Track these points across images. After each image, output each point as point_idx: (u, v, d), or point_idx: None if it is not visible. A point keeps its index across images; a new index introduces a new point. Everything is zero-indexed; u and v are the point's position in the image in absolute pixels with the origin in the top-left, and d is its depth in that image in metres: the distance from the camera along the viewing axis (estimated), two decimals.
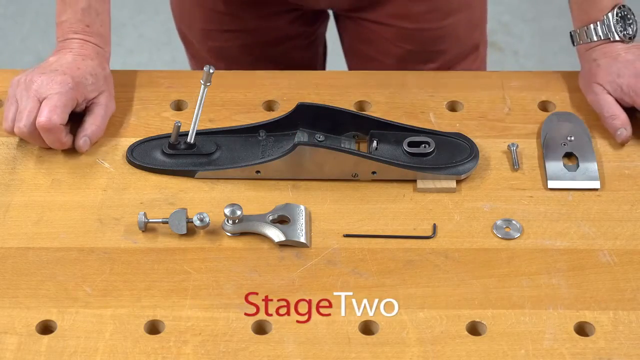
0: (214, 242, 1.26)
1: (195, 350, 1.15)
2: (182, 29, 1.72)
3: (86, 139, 1.36)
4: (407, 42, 1.62)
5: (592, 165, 1.34)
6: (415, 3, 1.59)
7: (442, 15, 1.61)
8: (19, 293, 1.21)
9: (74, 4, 1.39)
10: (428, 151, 1.33)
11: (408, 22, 1.61)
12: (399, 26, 1.61)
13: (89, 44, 1.39)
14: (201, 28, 1.67)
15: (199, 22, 1.67)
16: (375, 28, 1.63)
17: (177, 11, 1.71)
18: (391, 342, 1.16)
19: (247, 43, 1.67)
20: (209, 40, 1.68)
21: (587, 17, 1.40)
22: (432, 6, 1.59)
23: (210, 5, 1.63)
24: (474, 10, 1.67)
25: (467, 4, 1.64)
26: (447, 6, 1.61)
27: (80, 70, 1.36)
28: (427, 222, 1.28)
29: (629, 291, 1.21)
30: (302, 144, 1.30)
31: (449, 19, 1.62)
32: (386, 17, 1.61)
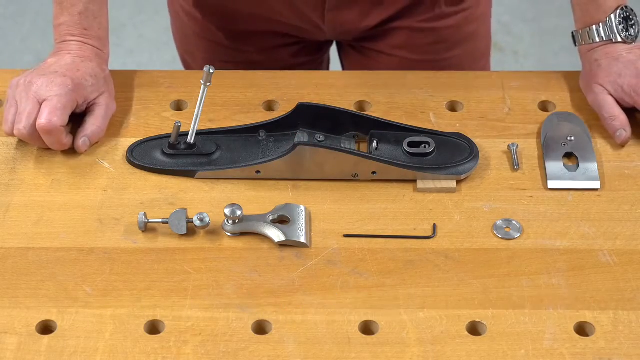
0: (214, 242, 1.26)
1: (195, 350, 1.15)
2: (184, 57, 1.71)
3: (85, 139, 1.36)
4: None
5: (592, 165, 1.34)
6: (421, 35, 1.57)
7: (447, 47, 1.60)
8: (19, 293, 1.21)
9: (71, 7, 1.39)
10: (428, 151, 1.33)
11: (412, 54, 1.59)
12: (402, 57, 1.60)
13: (87, 46, 1.39)
14: (204, 58, 1.66)
15: (201, 53, 1.66)
16: (378, 58, 1.62)
17: (179, 39, 1.70)
18: (391, 342, 1.16)
19: None
20: None
21: (590, 18, 1.40)
22: (438, 38, 1.58)
23: (212, 38, 1.62)
24: (480, 41, 1.65)
25: (472, 35, 1.62)
26: (453, 38, 1.59)
27: (80, 71, 1.36)
28: (427, 222, 1.28)
29: (629, 291, 1.21)
30: (302, 144, 1.30)
31: (454, 50, 1.61)
32: (390, 48, 1.60)
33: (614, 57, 1.38)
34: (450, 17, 1.58)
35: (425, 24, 1.57)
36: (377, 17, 1.57)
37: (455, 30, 1.59)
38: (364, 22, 1.57)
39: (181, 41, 1.69)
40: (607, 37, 1.39)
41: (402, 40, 1.59)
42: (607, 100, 1.37)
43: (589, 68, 1.41)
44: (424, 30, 1.57)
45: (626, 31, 1.38)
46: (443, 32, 1.58)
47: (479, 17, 1.63)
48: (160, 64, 2.93)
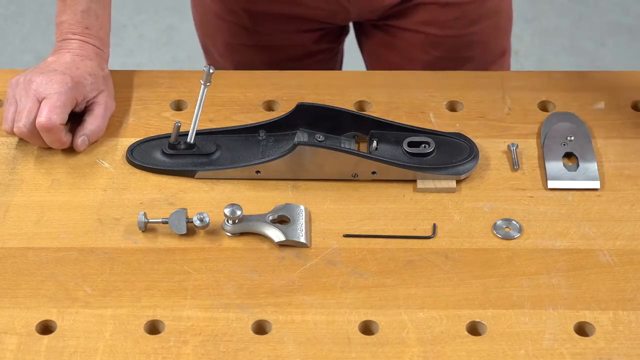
0: (214, 242, 1.26)
1: (195, 350, 1.15)
2: (204, 41, 1.71)
3: (84, 138, 1.35)
4: (435, 48, 1.61)
5: (592, 165, 1.34)
6: (444, 10, 1.58)
7: (470, 21, 1.60)
8: (19, 293, 1.21)
9: (74, 5, 1.39)
10: (428, 151, 1.33)
11: (436, 29, 1.59)
12: (427, 33, 1.60)
13: (88, 44, 1.39)
14: (225, 42, 1.65)
15: (222, 36, 1.65)
16: (403, 35, 1.62)
17: (200, 24, 1.69)
18: (391, 342, 1.16)
19: (272, 58, 1.65)
20: (232, 54, 1.66)
21: None
22: (461, 13, 1.58)
23: (235, 20, 1.61)
24: (501, 16, 1.65)
25: (495, 10, 1.62)
26: (476, 13, 1.59)
27: (80, 70, 1.36)
28: (427, 222, 1.28)
29: (629, 291, 1.21)
30: (302, 144, 1.30)
31: (478, 25, 1.61)
32: (414, 24, 1.60)
33: None
34: None
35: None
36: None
37: (477, 5, 1.59)
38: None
39: (202, 24, 1.68)
40: None
41: (426, 16, 1.59)
42: None
43: None
44: (447, 5, 1.57)
45: None
46: (465, 7, 1.58)
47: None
48: (160, 64, 2.93)
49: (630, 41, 3.00)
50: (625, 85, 1.46)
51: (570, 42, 2.99)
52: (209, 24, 1.66)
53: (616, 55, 2.96)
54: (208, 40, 1.69)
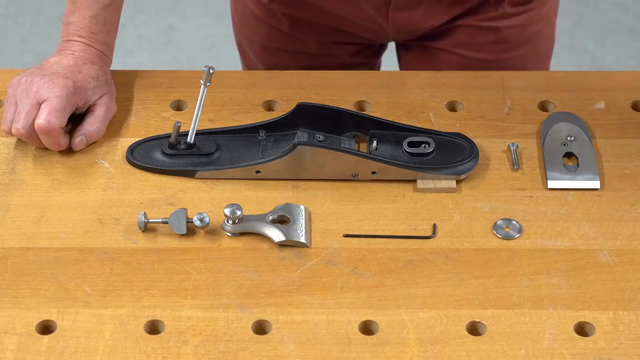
0: (214, 242, 1.26)
1: (195, 350, 1.15)
2: (241, 41, 1.70)
3: (82, 138, 1.35)
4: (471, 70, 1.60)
5: (592, 165, 1.34)
6: (482, 33, 1.57)
7: (509, 47, 1.59)
8: (19, 293, 1.21)
9: (84, 9, 1.38)
10: (428, 151, 1.33)
11: (473, 52, 1.58)
12: (463, 55, 1.59)
13: (92, 48, 1.39)
14: (261, 43, 1.65)
15: (259, 38, 1.65)
16: (440, 55, 1.61)
17: (237, 22, 1.68)
18: (391, 342, 1.16)
19: (306, 66, 1.64)
20: (267, 56, 1.66)
21: None
22: (499, 37, 1.57)
23: (273, 23, 1.61)
24: (542, 42, 1.63)
25: (535, 35, 1.60)
26: (515, 38, 1.58)
27: (82, 74, 1.36)
28: (427, 222, 1.28)
29: (629, 291, 1.21)
30: (302, 144, 1.30)
31: (517, 50, 1.59)
32: (451, 46, 1.59)
33: None
34: (513, 17, 1.57)
35: (488, 22, 1.56)
36: (441, 17, 1.56)
37: (518, 30, 1.57)
38: (428, 22, 1.56)
39: (240, 24, 1.68)
40: None
41: (464, 39, 1.58)
42: None
43: None
44: (485, 29, 1.56)
45: None
46: (505, 32, 1.57)
47: (543, 18, 1.61)
48: (160, 64, 2.93)
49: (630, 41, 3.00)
50: (625, 85, 1.46)
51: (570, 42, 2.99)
52: (247, 24, 1.65)
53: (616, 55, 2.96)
54: (245, 40, 1.69)
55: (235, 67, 1.84)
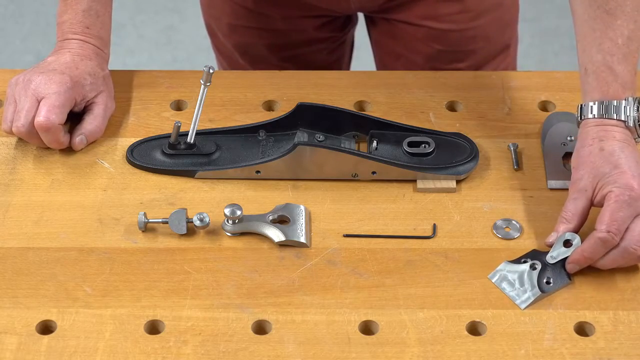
0: (214, 242, 1.26)
1: (195, 350, 1.15)
2: (209, 22, 1.71)
3: (82, 137, 1.35)
4: (437, 42, 1.61)
5: None
6: (445, 4, 1.57)
7: (472, 15, 1.59)
8: (19, 293, 1.21)
9: (75, 4, 1.39)
10: (428, 151, 1.33)
11: (438, 23, 1.59)
12: (428, 27, 1.59)
13: (88, 44, 1.39)
14: (228, 22, 1.66)
15: (226, 17, 1.65)
16: (405, 28, 1.61)
17: (205, 4, 1.69)
18: (391, 342, 1.16)
19: (273, 42, 1.65)
20: (235, 35, 1.67)
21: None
22: (463, 7, 1.58)
23: (239, 1, 1.62)
24: (505, 9, 1.64)
25: (498, 3, 1.61)
26: (478, 7, 1.58)
27: (79, 70, 1.36)
28: (427, 222, 1.28)
29: (629, 291, 1.21)
30: (302, 144, 1.30)
31: (480, 19, 1.60)
32: (416, 17, 1.59)
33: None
34: None
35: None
36: None
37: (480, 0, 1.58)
38: None
39: (208, 5, 1.68)
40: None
41: (427, 10, 1.58)
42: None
43: None
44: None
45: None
46: (468, 1, 1.57)
47: None
48: (160, 64, 2.93)
49: None
50: None
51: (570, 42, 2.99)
52: (214, 5, 1.66)
53: None
54: (213, 21, 1.69)
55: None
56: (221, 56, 1.74)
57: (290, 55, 1.67)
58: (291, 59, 1.67)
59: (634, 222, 1.18)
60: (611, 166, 1.21)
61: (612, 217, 1.18)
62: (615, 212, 1.18)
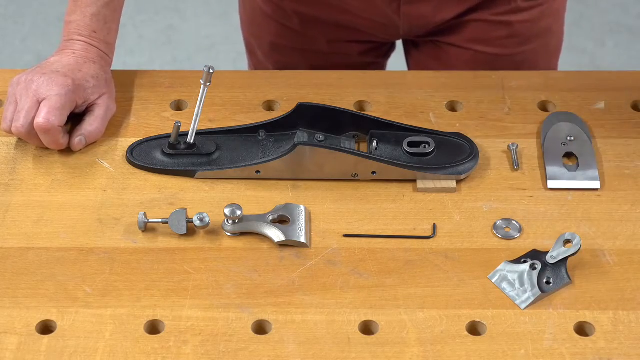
0: (214, 242, 1.26)
1: (195, 350, 1.15)
2: (250, 39, 1.70)
3: (81, 138, 1.35)
4: (482, 66, 1.60)
5: (592, 165, 1.34)
6: (495, 28, 1.56)
7: (521, 41, 1.58)
8: (19, 293, 1.21)
9: (85, 7, 1.39)
10: (428, 151, 1.33)
11: (486, 47, 1.58)
12: (476, 50, 1.59)
13: (93, 47, 1.39)
14: (271, 42, 1.65)
15: (268, 35, 1.64)
16: (452, 50, 1.61)
17: (246, 20, 1.68)
18: (391, 342, 1.16)
19: (315, 65, 1.64)
20: (276, 54, 1.66)
21: None
22: (512, 32, 1.57)
23: (283, 21, 1.60)
24: (552, 37, 1.63)
25: (547, 30, 1.60)
26: (527, 32, 1.58)
27: (82, 72, 1.36)
28: (427, 222, 1.28)
29: (629, 291, 1.21)
30: (302, 144, 1.30)
31: (528, 45, 1.59)
32: (464, 41, 1.59)
33: None
34: (525, 12, 1.57)
35: (500, 17, 1.56)
36: (453, 10, 1.55)
37: (530, 25, 1.57)
38: (439, 15, 1.56)
39: (249, 23, 1.67)
40: None
41: (476, 34, 1.58)
42: None
43: None
44: (498, 23, 1.56)
45: None
46: (517, 26, 1.57)
47: (553, 13, 1.61)
48: (160, 64, 2.94)
49: (630, 41, 3.00)
50: (625, 85, 1.46)
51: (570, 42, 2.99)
52: (256, 23, 1.65)
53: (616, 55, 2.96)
54: (254, 39, 1.68)
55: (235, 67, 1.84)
56: None
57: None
58: None
59: None
60: None
61: None
62: None
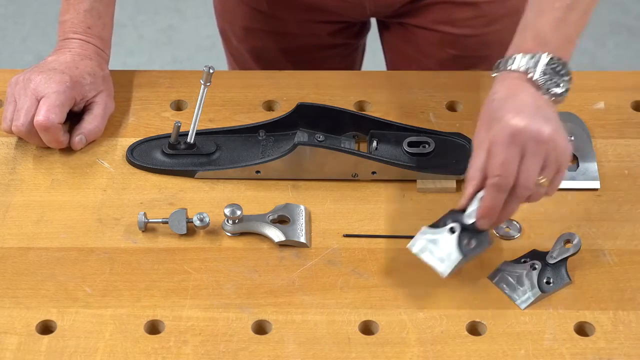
0: (214, 242, 1.26)
1: (195, 350, 1.15)
2: (223, 26, 1.70)
3: (82, 137, 1.35)
4: (451, 47, 1.60)
5: (592, 165, 1.34)
6: (461, 9, 1.56)
7: (488, 21, 1.58)
8: (19, 293, 1.21)
9: (77, 4, 1.39)
10: (428, 151, 1.33)
11: (453, 28, 1.58)
12: (443, 31, 1.59)
13: (89, 44, 1.39)
14: (242, 26, 1.65)
15: (240, 20, 1.65)
16: (420, 32, 1.61)
17: (219, 7, 1.69)
18: (391, 342, 1.16)
19: (287, 47, 1.65)
20: (249, 39, 1.66)
21: None
22: (478, 12, 1.57)
23: (253, 4, 1.61)
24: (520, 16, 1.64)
25: (514, 9, 1.60)
26: (494, 12, 1.57)
27: (79, 69, 1.36)
28: (427, 222, 1.28)
29: (629, 291, 1.21)
30: (302, 144, 1.30)
31: (495, 25, 1.59)
32: (430, 22, 1.59)
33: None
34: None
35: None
36: None
37: (496, 5, 1.57)
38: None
39: (222, 9, 1.68)
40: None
41: (442, 15, 1.57)
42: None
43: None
44: (463, 4, 1.56)
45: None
46: (484, 7, 1.56)
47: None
48: (160, 64, 2.93)
49: (630, 41, 3.00)
50: (625, 85, 1.46)
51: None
52: (228, 9, 1.65)
53: (616, 55, 2.96)
54: (227, 25, 1.69)
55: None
56: (235, 61, 1.73)
57: (304, 60, 1.66)
58: (304, 65, 1.66)
59: (521, 162, 1.15)
60: (496, 113, 1.17)
61: (498, 161, 1.14)
62: (500, 155, 1.14)
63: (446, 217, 1.20)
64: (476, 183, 1.18)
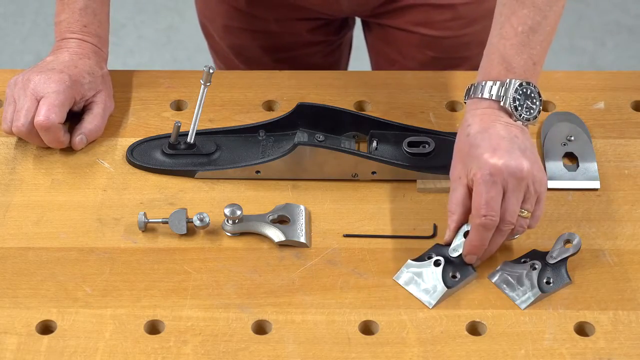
0: (214, 242, 1.26)
1: (195, 350, 1.15)
2: (205, 23, 1.71)
3: (82, 137, 1.36)
4: (430, 49, 1.61)
5: (592, 165, 1.34)
6: (438, 11, 1.57)
7: (466, 22, 1.59)
8: (19, 293, 1.21)
9: (72, 3, 1.39)
10: (428, 151, 1.33)
11: (431, 30, 1.59)
12: (421, 33, 1.59)
13: (86, 43, 1.39)
14: (223, 24, 1.66)
15: (220, 18, 1.65)
16: (399, 34, 1.61)
17: (200, 5, 1.70)
18: (391, 342, 1.16)
19: (267, 45, 1.65)
20: (229, 36, 1.67)
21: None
22: (455, 14, 1.57)
23: (232, 2, 1.61)
24: None
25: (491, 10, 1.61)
26: (471, 14, 1.58)
27: (78, 68, 1.36)
28: (427, 222, 1.28)
29: (629, 291, 1.21)
30: (302, 144, 1.30)
31: (474, 26, 1.59)
32: (408, 24, 1.59)
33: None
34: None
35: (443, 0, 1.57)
36: None
37: (474, 7, 1.57)
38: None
39: (203, 7, 1.68)
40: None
41: (420, 17, 1.58)
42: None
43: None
44: (441, 6, 1.56)
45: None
46: (460, 9, 1.57)
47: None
48: (160, 64, 2.93)
49: (630, 41, 3.00)
50: (625, 85, 1.46)
51: (570, 42, 2.99)
52: (209, 6, 1.66)
53: (616, 55, 2.96)
54: (208, 22, 1.69)
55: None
56: (217, 57, 1.74)
57: (285, 58, 1.67)
58: (286, 61, 1.66)
59: (503, 199, 1.17)
60: (473, 150, 1.19)
61: (482, 201, 1.17)
62: (483, 195, 1.17)
63: (430, 251, 1.23)
64: (457, 218, 1.21)
